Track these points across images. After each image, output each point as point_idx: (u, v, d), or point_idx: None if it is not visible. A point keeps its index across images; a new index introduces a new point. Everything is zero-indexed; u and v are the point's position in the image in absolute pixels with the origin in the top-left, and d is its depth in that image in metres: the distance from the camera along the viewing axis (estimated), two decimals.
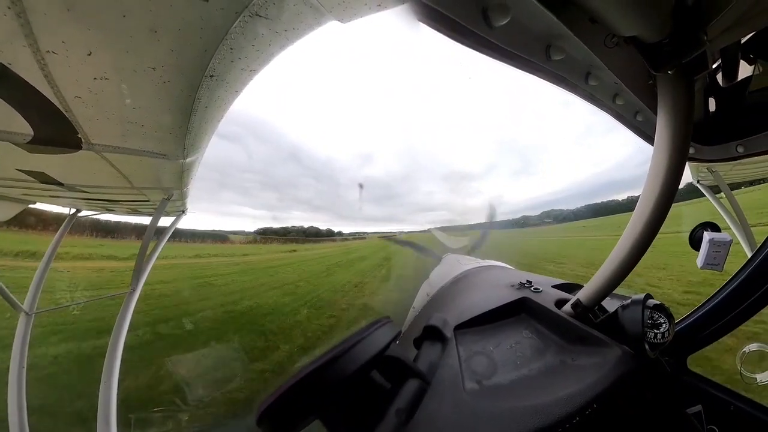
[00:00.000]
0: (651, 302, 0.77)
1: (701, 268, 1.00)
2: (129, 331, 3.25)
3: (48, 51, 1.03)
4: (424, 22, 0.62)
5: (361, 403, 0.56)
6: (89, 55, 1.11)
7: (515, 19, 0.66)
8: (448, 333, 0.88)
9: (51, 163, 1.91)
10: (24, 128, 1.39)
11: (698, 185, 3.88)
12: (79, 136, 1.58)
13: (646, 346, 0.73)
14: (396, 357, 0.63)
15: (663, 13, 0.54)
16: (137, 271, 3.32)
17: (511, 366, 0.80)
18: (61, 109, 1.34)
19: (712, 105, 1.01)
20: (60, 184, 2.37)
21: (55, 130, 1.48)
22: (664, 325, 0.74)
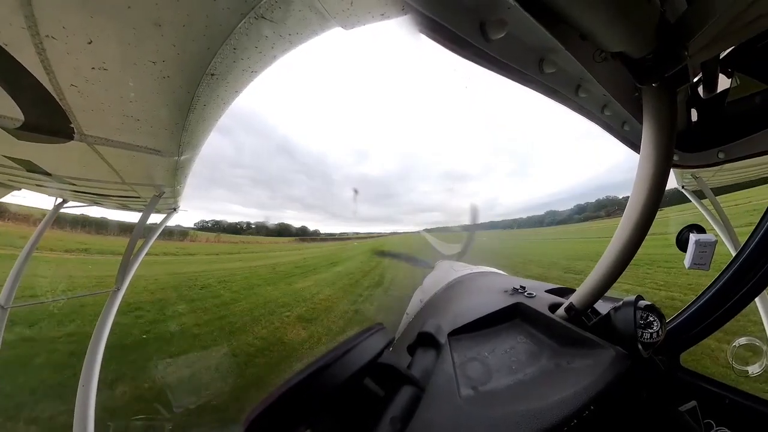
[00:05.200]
0: (642, 303, 0.79)
1: (689, 268, 1.04)
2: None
3: (47, 35, 1.02)
4: (424, 33, 0.64)
5: (354, 412, 0.55)
6: (89, 43, 1.11)
7: (511, 33, 0.69)
8: (442, 339, 0.88)
9: (40, 152, 1.86)
10: (14, 113, 1.35)
11: (683, 191, 4.03)
12: (72, 125, 1.55)
13: (640, 346, 0.74)
14: (389, 364, 0.62)
15: (647, 31, 0.58)
16: (123, 269, 3.20)
17: (507, 371, 0.80)
18: (55, 96, 1.31)
19: (694, 115, 1.07)
20: (47, 174, 2.30)
21: (47, 118, 1.44)
22: (655, 325, 0.75)
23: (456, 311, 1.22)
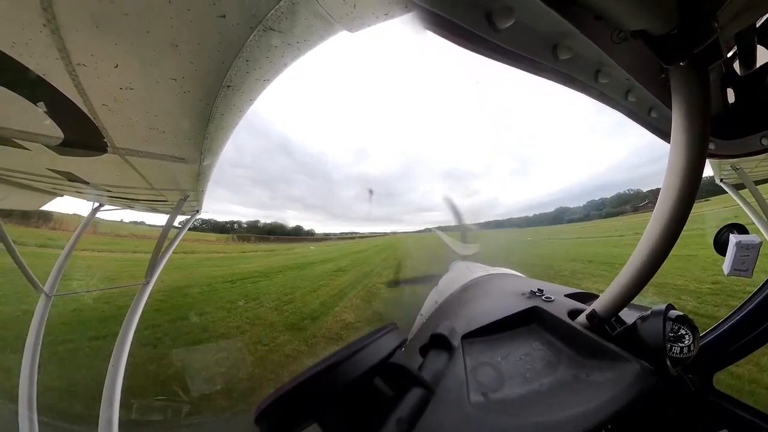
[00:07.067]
0: (673, 313, 0.71)
1: (728, 275, 0.90)
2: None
3: (79, 63, 1.13)
4: (429, 29, 0.62)
5: (362, 410, 0.54)
6: (116, 67, 1.21)
7: (520, 20, 0.65)
8: (455, 342, 0.85)
9: (78, 164, 2.07)
10: (55, 132, 1.52)
11: (722, 184, 3.50)
12: (105, 140, 1.70)
13: (668, 362, 0.67)
14: (400, 364, 0.61)
15: (669, 3, 0.52)
16: (152, 265, 3.48)
17: (520, 379, 0.76)
18: (89, 115, 1.45)
19: (730, 96, 0.94)
20: (86, 182, 2.55)
21: (83, 135, 1.60)
22: (687, 338, 0.68)
23: (470, 314, 1.19)
